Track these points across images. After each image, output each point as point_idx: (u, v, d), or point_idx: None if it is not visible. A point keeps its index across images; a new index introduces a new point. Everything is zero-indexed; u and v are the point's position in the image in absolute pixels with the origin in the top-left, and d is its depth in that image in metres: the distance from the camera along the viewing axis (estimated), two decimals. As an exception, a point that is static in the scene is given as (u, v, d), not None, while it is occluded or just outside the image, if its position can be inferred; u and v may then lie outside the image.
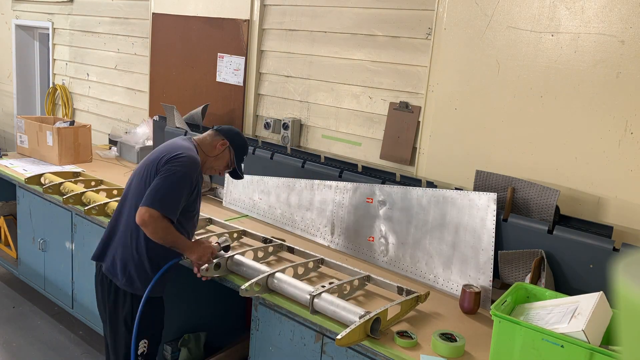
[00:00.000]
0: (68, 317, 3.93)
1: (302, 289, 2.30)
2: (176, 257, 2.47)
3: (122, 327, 2.49)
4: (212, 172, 2.65)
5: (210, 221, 3.17)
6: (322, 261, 2.71)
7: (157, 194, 2.29)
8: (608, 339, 1.82)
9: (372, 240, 2.90)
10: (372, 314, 2.08)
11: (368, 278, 2.53)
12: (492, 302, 2.42)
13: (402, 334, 2.10)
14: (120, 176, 4.03)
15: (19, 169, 4.07)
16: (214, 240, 2.64)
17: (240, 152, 2.66)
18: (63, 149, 4.26)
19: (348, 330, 2.00)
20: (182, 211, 2.39)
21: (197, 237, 2.73)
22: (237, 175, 2.69)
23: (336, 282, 2.41)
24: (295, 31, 3.67)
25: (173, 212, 2.32)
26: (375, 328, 2.08)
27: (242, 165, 2.73)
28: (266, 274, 2.40)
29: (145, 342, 2.49)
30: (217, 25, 4.10)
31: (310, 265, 2.66)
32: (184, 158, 2.38)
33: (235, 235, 2.99)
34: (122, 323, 2.48)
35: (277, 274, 2.41)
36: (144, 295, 2.39)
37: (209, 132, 2.65)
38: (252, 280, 2.36)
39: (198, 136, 2.64)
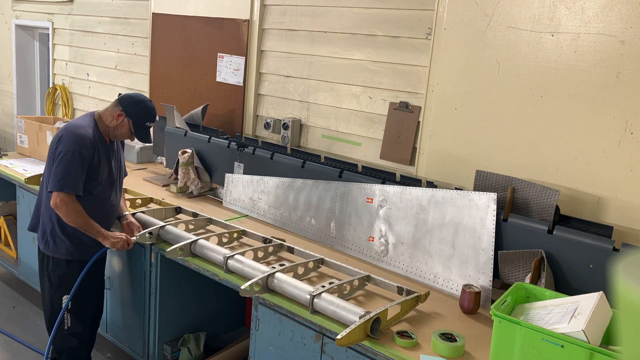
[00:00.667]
0: (68, 317, 3.92)
1: (302, 288, 2.30)
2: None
3: (45, 284, 2.84)
4: (119, 139, 2.88)
5: (210, 221, 3.17)
6: (322, 261, 2.71)
7: (56, 177, 2.60)
8: (608, 339, 1.82)
9: (372, 240, 2.90)
10: (372, 314, 2.08)
11: (368, 278, 2.53)
12: (492, 302, 2.42)
13: (402, 334, 2.10)
14: (120, 176, 4.03)
15: (19, 169, 4.07)
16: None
17: (139, 120, 2.80)
18: (63, 149, 4.25)
19: (348, 330, 2.00)
20: (87, 179, 2.68)
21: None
22: (144, 140, 2.89)
23: (336, 282, 2.41)
24: (295, 31, 3.67)
25: (73, 187, 2.60)
26: (375, 328, 2.08)
27: (151, 129, 2.89)
28: (266, 274, 2.40)
29: (65, 297, 2.80)
30: (217, 25, 4.11)
31: (310, 265, 2.66)
32: (67, 138, 2.65)
33: (235, 235, 2.99)
34: (46, 280, 2.83)
35: (277, 274, 2.41)
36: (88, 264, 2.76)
37: (113, 101, 2.83)
38: (252, 280, 2.36)
39: (104, 107, 2.86)
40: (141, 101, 2.83)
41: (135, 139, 2.90)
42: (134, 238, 2.84)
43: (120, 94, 2.87)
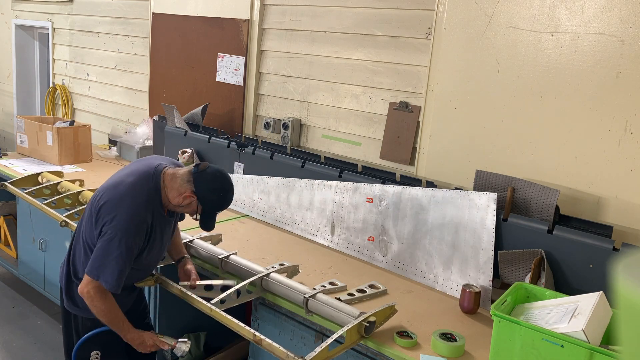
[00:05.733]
0: (68, 317, 3.93)
1: (297, 289, 2.30)
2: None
3: (72, 339, 2.42)
4: (178, 211, 2.35)
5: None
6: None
7: (97, 262, 2.14)
8: (608, 339, 1.82)
9: (372, 240, 2.90)
10: (366, 315, 2.08)
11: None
12: (492, 302, 2.42)
13: (402, 334, 2.10)
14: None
15: (19, 169, 4.07)
16: (169, 341, 2.34)
17: (211, 209, 2.26)
18: (63, 149, 4.26)
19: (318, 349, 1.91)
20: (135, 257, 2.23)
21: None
22: (207, 228, 2.30)
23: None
24: (295, 31, 3.66)
25: (111, 284, 2.14)
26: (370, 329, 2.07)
27: (216, 216, 2.32)
28: (261, 274, 2.39)
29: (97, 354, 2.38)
30: (217, 25, 4.10)
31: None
32: (123, 216, 2.12)
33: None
34: (73, 336, 2.41)
35: (272, 274, 2.40)
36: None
37: (186, 170, 2.25)
38: (246, 281, 2.35)
39: (175, 169, 2.28)
40: (220, 189, 2.23)
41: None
42: (169, 346, 2.31)
43: (198, 165, 2.24)
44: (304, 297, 2.21)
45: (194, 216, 2.29)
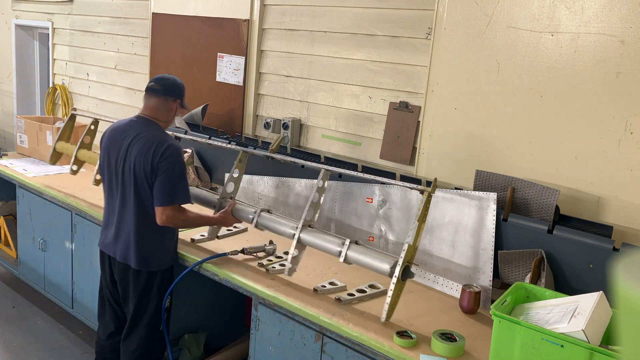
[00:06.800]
0: (68, 317, 3.92)
1: (332, 241, 2.43)
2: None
3: (152, 298, 2.75)
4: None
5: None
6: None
7: (166, 190, 2.55)
8: (608, 339, 1.82)
9: (372, 240, 2.90)
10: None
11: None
12: (492, 302, 2.42)
13: (402, 334, 2.10)
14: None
15: (19, 169, 4.07)
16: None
17: (184, 96, 2.83)
18: (63, 149, 4.26)
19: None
20: None
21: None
22: (186, 105, 2.87)
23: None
24: (295, 31, 3.66)
25: (187, 198, 2.61)
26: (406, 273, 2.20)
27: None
28: (298, 227, 2.52)
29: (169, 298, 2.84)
30: (217, 25, 4.10)
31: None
32: (172, 149, 2.60)
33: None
34: (154, 295, 2.75)
35: (309, 228, 2.54)
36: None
37: (153, 100, 2.71)
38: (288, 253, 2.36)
39: (147, 109, 2.74)
40: (173, 78, 2.82)
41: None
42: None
43: (149, 87, 2.76)
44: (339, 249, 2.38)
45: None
